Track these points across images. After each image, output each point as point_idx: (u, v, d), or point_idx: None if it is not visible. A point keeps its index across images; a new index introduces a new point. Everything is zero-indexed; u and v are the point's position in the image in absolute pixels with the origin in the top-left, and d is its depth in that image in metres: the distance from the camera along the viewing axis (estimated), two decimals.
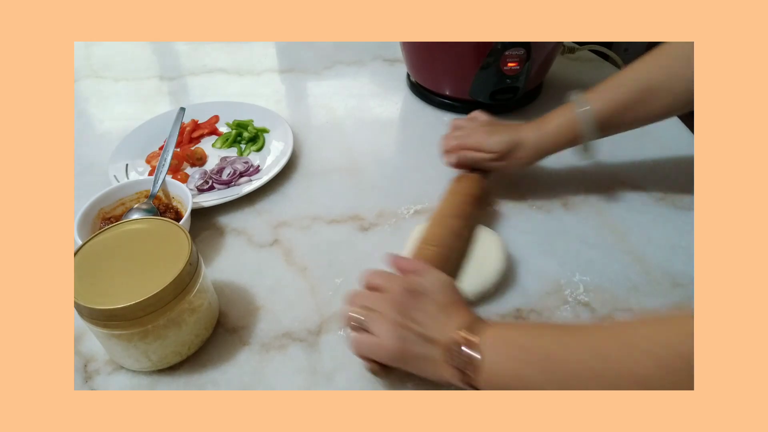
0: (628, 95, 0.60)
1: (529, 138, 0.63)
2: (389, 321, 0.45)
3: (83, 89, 0.97)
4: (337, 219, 0.68)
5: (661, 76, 0.58)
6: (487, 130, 0.66)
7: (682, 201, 0.69)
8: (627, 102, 0.60)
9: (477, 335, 0.42)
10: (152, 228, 0.51)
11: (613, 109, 0.60)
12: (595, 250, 0.63)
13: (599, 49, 0.98)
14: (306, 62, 1.02)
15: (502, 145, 0.63)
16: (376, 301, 0.47)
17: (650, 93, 0.59)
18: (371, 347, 0.46)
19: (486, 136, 0.65)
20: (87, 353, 0.53)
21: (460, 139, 0.67)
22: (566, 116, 0.62)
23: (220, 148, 0.80)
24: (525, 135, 0.63)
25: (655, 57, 0.59)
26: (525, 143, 0.63)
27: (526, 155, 0.64)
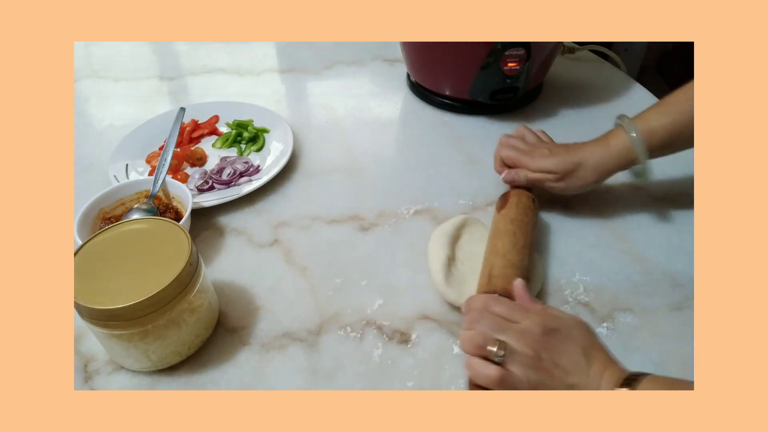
0: (681, 117, 0.58)
1: (591, 159, 0.62)
2: (527, 362, 0.42)
3: (83, 89, 0.97)
4: (337, 219, 0.68)
5: None
6: (547, 149, 0.65)
7: (682, 201, 0.69)
8: (680, 125, 0.58)
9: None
10: (152, 228, 0.51)
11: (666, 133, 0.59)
12: (595, 250, 0.63)
13: (599, 49, 0.98)
14: (306, 62, 1.02)
15: (566, 165, 0.62)
16: (511, 335, 0.44)
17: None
18: (504, 383, 0.43)
19: (547, 156, 0.63)
20: (87, 353, 0.53)
21: (519, 157, 0.65)
22: (624, 138, 0.61)
23: (220, 148, 0.80)
24: (586, 156, 0.62)
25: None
26: (586, 164, 0.62)
27: (588, 176, 0.62)
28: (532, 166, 0.64)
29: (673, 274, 0.60)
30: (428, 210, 0.69)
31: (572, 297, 0.57)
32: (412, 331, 0.54)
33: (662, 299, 0.57)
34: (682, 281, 0.59)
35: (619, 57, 0.96)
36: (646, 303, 0.57)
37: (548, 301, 0.57)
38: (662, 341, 0.53)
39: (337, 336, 0.54)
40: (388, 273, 0.60)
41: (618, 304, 0.57)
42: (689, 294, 0.57)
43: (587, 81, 0.94)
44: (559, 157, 0.63)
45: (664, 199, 0.69)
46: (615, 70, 0.97)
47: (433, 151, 0.79)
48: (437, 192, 0.71)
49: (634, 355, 0.52)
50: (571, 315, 0.46)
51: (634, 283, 0.59)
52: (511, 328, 0.45)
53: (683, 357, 0.52)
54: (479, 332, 0.45)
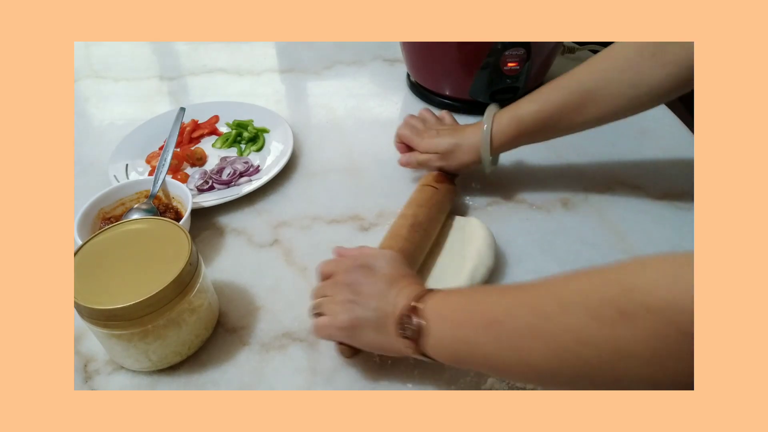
0: (561, 102, 0.60)
1: (467, 140, 0.64)
2: (339, 300, 0.47)
3: (83, 89, 0.97)
4: (337, 219, 0.68)
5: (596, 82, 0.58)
6: (435, 130, 0.68)
7: (682, 201, 0.69)
8: (557, 109, 0.60)
9: (420, 302, 0.43)
10: (152, 228, 0.51)
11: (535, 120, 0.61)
12: (595, 250, 0.63)
13: (599, 49, 0.97)
14: (306, 62, 1.02)
15: (446, 146, 0.65)
16: (327, 287, 0.49)
17: (586, 100, 0.59)
18: (326, 327, 0.48)
19: (433, 137, 0.67)
20: (87, 353, 0.53)
21: (412, 137, 0.69)
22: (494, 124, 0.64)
23: (220, 148, 0.80)
24: (464, 137, 0.65)
25: (591, 63, 0.60)
26: (463, 145, 0.65)
27: (464, 157, 0.65)
28: (420, 146, 0.68)
29: None
30: None
31: None
32: None
33: None
34: None
35: None
36: None
37: None
38: None
39: None
40: None
41: None
42: None
43: None
44: (442, 137, 0.66)
45: (664, 199, 0.69)
46: None
47: None
48: None
49: None
50: (383, 251, 0.51)
51: None
52: (329, 281, 0.50)
53: None
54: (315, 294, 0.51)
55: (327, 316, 0.48)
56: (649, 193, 0.70)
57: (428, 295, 0.44)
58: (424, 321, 0.42)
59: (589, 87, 0.58)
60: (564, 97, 0.60)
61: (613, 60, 0.58)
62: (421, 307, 0.43)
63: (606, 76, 0.58)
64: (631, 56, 0.56)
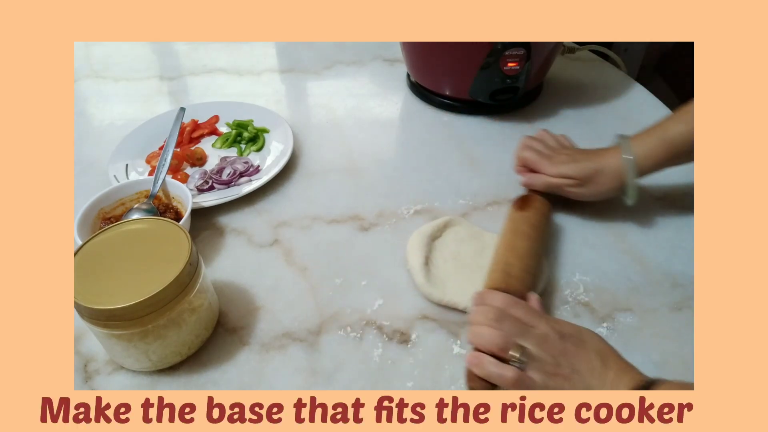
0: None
1: (611, 165, 0.61)
2: (549, 369, 0.43)
3: (83, 89, 0.97)
4: (337, 219, 0.68)
5: None
6: (567, 154, 0.65)
7: (682, 201, 0.69)
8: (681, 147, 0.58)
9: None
10: (152, 228, 0.51)
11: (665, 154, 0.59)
12: (595, 250, 0.63)
13: (599, 49, 0.98)
14: (306, 62, 1.02)
15: (586, 171, 0.62)
16: (531, 340, 0.44)
17: None
18: (515, 388, 0.43)
19: (566, 162, 0.63)
20: (87, 353, 0.53)
21: (539, 160, 0.65)
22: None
23: (220, 148, 0.80)
24: (606, 162, 0.62)
25: None
26: (606, 170, 0.61)
27: (607, 182, 0.62)
28: (551, 171, 0.64)
29: (673, 274, 0.60)
30: (428, 210, 0.69)
31: (572, 297, 0.57)
32: (412, 331, 0.54)
33: (662, 299, 0.57)
34: (682, 281, 0.59)
35: (619, 57, 0.96)
36: (646, 303, 0.57)
37: (548, 301, 0.57)
38: (662, 341, 0.53)
39: (337, 336, 0.54)
40: (388, 273, 0.60)
41: (618, 304, 0.57)
42: (689, 294, 0.57)
43: (587, 81, 0.94)
44: (579, 163, 0.63)
45: (664, 199, 0.69)
46: (615, 70, 0.97)
47: (433, 151, 0.79)
48: (437, 192, 0.71)
49: (634, 356, 0.52)
50: (585, 328, 0.46)
51: (634, 283, 0.59)
52: (531, 333, 0.45)
53: (683, 357, 0.51)
54: (501, 333, 0.45)
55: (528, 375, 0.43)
56: (649, 193, 0.70)
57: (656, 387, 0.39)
58: None
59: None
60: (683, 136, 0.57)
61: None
62: None
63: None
64: None
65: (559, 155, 0.65)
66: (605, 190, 0.62)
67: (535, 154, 0.66)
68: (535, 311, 0.48)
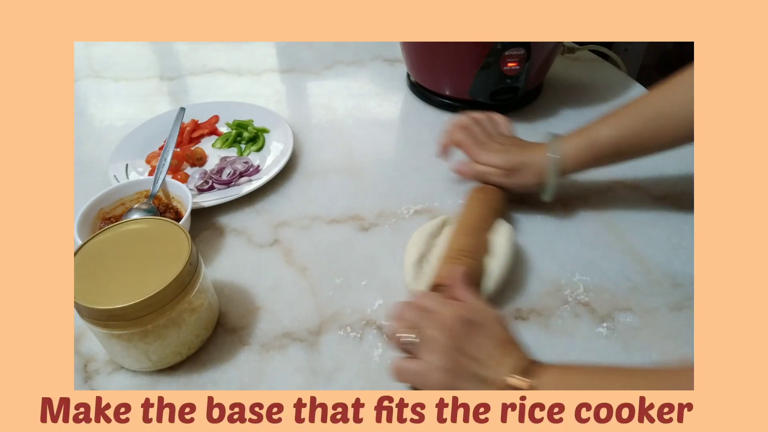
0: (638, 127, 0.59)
1: (535, 161, 0.62)
2: (442, 350, 0.43)
3: (83, 89, 0.97)
4: (337, 219, 0.68)
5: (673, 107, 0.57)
6: (500, 143, 0.65)
7: (682, 201, 0.69)
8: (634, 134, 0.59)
9: (532, 378, 0.40)
10: (152, 228, 0.51)
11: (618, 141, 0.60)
12: (595, 250, 0.63)
13: (599, 49, 0.98)
14: (306, 62, 1.02)
15: (512, 163, 0.63)
16: (428, 323, 0.45)
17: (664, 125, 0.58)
18: (417, 377, 0.44)
19: (497, 151, 0.64)
20: (87, 353, 0.53)
21: (471, 146, 0.66)
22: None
23: (220, 148, 0.80)
24: (532, 157, 0.63)
25: (665, 88, 0.58)
26: (530, 166, 0.62)
27: (529, 178, 0.63)
28: (481, 158, 0.65)
29: (673, 274, 0.60)
30: (428, 210, 0.69)
31: (572, 297, 0.57)
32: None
33: (662, 299, 0.57)
34: (682, 281, 0.59)
35: (619, 57, 0.96)
36: (646, 303, 0.57)
37: (548, 301, 0.57)
38: (662, 341, 0.53)
39: (337, 336, 0.54)
40: (388, 273, 0.60)
41: (618, 304, 0.57)
42: (689, 294, 0.57)
43: (587, 81, 0.94)
44: (509, 153, 0.64)
45: (664, 199, 0.69)
46: (615, 70, 0.97)
47: (433, 151, 0.79)
48: (437, 192, 0.71)
49: (634, 356, 0.52)
50: (491, 309, 0.47)
51: (634, 283, 0.59)
52: (429, 317, 0.45)
53: (683, 357, 0.51)
54: (399, 321, 0.46)
55: (420, 362, 0.43)
56: (649, 193, 0.70)
57: (542, 370, 0.41)
58: None
59: (666, 111, 0.57)
60: (640, 121, 0.59)
61: (690, 83, 0.56)
62: (537, 385, 0.40)
63: (685, 99, 0.56)
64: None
65: (492, 143, 0.66)
66: (528, 183, 0.63)
67: (469, 138, 0.66)
68: (441, 299, 0.47)
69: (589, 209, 0.68)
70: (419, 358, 0.44)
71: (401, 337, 0.45)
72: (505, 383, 0.41)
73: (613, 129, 0.60)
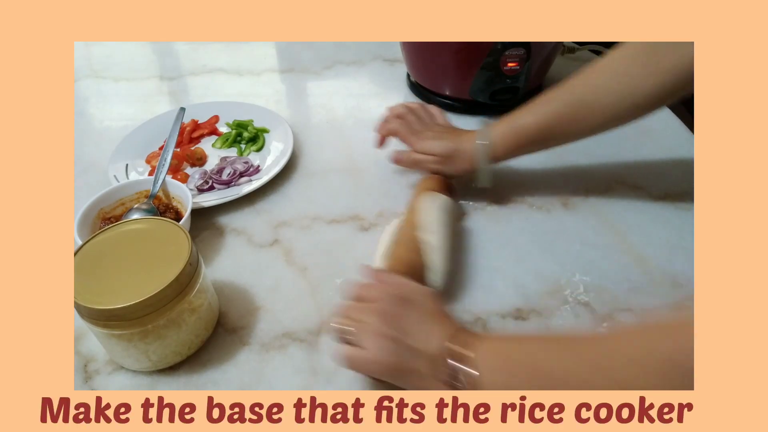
0: (557, 113, 0.60)
1: (467, 147, 0.64)
2: (378, 333, 0.44)
3: (83, 89, 0.97)
4: (337, 219, 0.68)
5: (592, 94, 0.59)
6: (433, 131, 0.67)
7: (682, 201, 0.69)
8: (554, 120, 0.61)
9: (469, 349, 0.41)
10: (152, 228, 0.51)
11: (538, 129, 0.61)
12: (595, 250, 0.63)
13: (599, 49, 0.98)
14: (306, 62, 1.02)
15: (447, 150, 0.65)
16: (363, 312, 0.46)
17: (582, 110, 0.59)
18: (361, 362, 0.44)
19: (432, 138, 0.66)
20: (87, 353, 0.53)
21: (407, 135, 0.68)
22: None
23: (220, 148, 0.80)
24: (464, 144, 0.64)
25: (585, 75, 0.60)
26: (463, 152, 0.64)
27: (463, 164, 0.65)
28: (418, 146, 0.67)
29: (673, 274, 0.59)
30: None
31: (572, 297, 0.57)
32: None
33: (662, 299, 0.57)
34: (682, 281, 0.59)
35: None
36: (646, 303, 0.57)
37: (548, 301, 0.57)
38: None
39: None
40: None
41: (618, 304, 0.57)
42: (689, 294, 0.57)
43: None
44: (443, 140, 0.65)
45: (664, 199, 0.69)
46: None
47: None
48: None
49: None
50: (421, 286, 0.49)
51: (634, 283, 0.59)
52: (364, 306, 0.46)
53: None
54: (338, 316, 0.47)
55: (362, 349, 0.44)
56: (649, 193, 0.70)
57: (476, 340, 0.42)
58: (476, 372, 0.40)
59: (585, 98, 0.59)
60: (560, 108, 0.60)
61: (607, 70, 0.58)
62: (472, 356, 0.41)
63: (601, 87, 0.58)
64: (624, 66, 0.57)
65: (427, 131, 0.68)
66: (462, 169, 0.65)
67: (405, 127, 0.69)
68: (379, 286, 0.48)
69: (590, 209, 0.68)
70: (360, 345, 0.44)
71: (340, 329, 0.46)
72: (446, 349, 0.42)
73: (535, 116, 0.62)
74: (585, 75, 0.60)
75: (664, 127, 0.81)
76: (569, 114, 0.60)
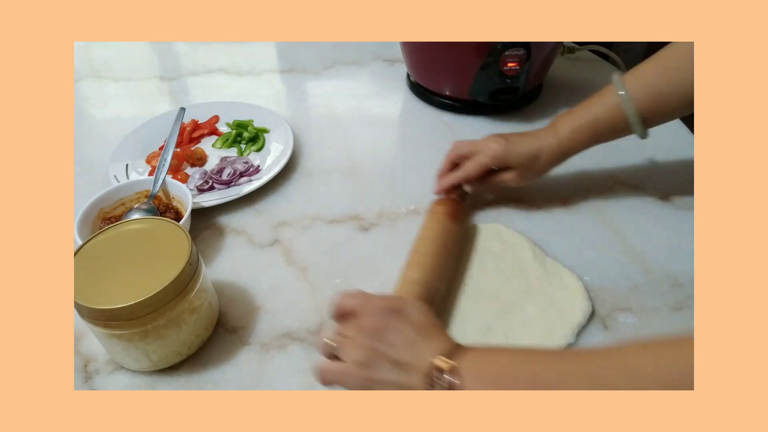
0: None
1: (548, 142, 0.62)
2: (359, 345, 0.42)
3: (83, 89, 0.97)
4: (337, 219, 0.68)
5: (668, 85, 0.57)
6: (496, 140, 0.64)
7: (682, 201, 0.69)
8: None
9: (456, 360, 0.40)
10: (152, 228, 0.51)
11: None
12: (595, 250, 0.63)
13: (599, 49, 0.98)
14: (306, 62, 1.02)
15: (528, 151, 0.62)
16: (349, 327, 0.45)
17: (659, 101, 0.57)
18: (336, 375, 0.43)
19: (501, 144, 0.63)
20: (87, 353, 0.53)
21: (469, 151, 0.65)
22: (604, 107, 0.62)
23: (220, 148, 0.80)
24: (542, 140, 0.62)
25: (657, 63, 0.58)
26: (546, 150, 0.62)
27: (553, 161, 0.63)
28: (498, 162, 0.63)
29: (673, 274, 0.60)
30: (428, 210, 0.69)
31: None
32: None
33: (662, 299, 0.57)
34: (682, 281, 0.59)
35: (619, 57, 0.96)
36: (646, 303, 0.57)
37: None
38: None
39: None
40: (388, 273, 0.60)
41: (618, 304, 0.57)
42: (689, 294, 0.57)
43: (587, 81, 0.94)
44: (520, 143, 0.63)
45: (664, 199, 0.69)
46: (615, 70, 0.97)
47: (433, 151, 0.79)
48: None
49: None
50: (413, 300, 0.47)
51: (634, 283, 0.59)
52: (349, 319, 0.45)
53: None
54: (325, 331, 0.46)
55: (340, 363, 0.43)
56: (649, 193, 0.70)
57: (461, 352, 0.41)
58: (458, 381, 0.39)
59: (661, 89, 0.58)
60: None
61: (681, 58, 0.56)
62: (456, 366, 0.40)
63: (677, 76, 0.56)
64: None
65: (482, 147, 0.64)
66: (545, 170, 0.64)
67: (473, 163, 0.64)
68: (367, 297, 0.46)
69: (590, 209, 0.68)
70: (341, 359, 0.43)
71: (325, 344, 0.45)
72: (431, 365, 0.40)
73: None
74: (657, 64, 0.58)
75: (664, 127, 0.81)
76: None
